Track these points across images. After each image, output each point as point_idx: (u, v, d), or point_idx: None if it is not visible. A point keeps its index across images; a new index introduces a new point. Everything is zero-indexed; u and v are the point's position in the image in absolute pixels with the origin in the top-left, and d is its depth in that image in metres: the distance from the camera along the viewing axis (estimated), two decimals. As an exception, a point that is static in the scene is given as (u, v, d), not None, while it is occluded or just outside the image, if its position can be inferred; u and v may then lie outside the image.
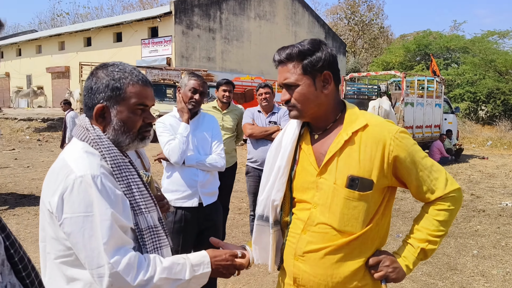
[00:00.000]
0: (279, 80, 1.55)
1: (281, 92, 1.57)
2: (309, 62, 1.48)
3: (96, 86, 1.40)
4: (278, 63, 1.54)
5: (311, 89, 1.50)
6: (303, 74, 1.49)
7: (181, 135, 2.88)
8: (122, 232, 1.29)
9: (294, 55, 1.49)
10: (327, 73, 1.50)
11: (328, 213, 1.49)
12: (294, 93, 1.51)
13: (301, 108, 1.52)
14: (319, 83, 1.51)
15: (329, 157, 1.49)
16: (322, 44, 1.51)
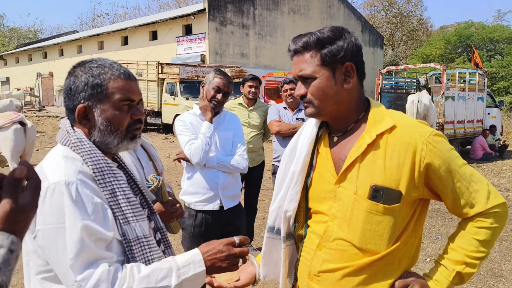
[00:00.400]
0: (294, 72, 1.36)
1: (296, 87, 1.38)
2: (329, 52, 1.28)
3: (75, 86, 1.28)
4: (294, 52, 1.35)
5: (330, 83, 1.30)
6: (321, 65, 1.29)
7: (204, 135, 2.73)
8: (96, 245, 1.16)
9: (311, 43, 1.30)
10: (349, 65, 1.30)
11: (348, 228, 1.29)
12: (311, 87, 1.32)
13: (318, 105, 1.32)
14: (340, 76, 1.31)
15: (349, 163, 1.29)
16: (344, 32, 1.31)
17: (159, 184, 1.90)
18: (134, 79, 1.35)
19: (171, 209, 1.98)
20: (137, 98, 1.33)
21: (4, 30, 54.13)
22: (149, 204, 1.52)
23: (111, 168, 1.27)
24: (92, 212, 1.17)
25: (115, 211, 1.23)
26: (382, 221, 1.26)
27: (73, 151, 1.26)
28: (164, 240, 1.55)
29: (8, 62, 43.26)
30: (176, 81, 15.78)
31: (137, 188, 1.50)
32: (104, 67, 1.29)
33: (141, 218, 1.29)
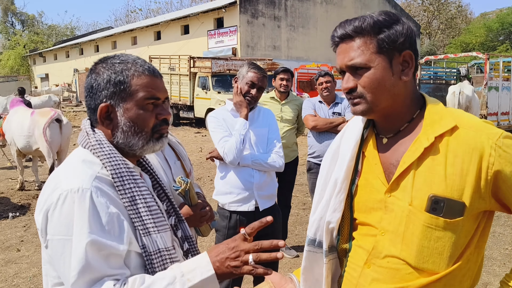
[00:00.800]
0: (340, 62, 1.18)
1: (343, 79, 1.19)
2: (387, 37, 1.11)
3: (97, 83, 1.18)
4: (340, 39, 1.17)
5: (386, 74, 1.13)
6: (377, 53, 1.12)
7: (239, 132, 2.58)
8: (105, 262, 1.05)
9: (366, 27, 1.12)
10: (407, 53, 1.13)
11: (401, 244, 1.12)
12: (363, 79, 1.14)
13: (372, 100, 1.14)
14: (397, 66, 1.14)
15: (403, 169, 1.12)
16: (399, 16, 1.14)
17: (187, 187, 1.79)
18: (159, 75, 1.24)
19: (200, 213, 1.87)
20: (163, 96, 1.22)
21: (43, 28, 55.99)
22: (176, 211, 1.41)
23: (132, 173, 1.16)
24: (106, 223, 1.06)
25: (135, 221, 1.12)
26: (442, 237, 1.08)
27: (93, 154, 1.17)
28: (192, 250, 1.43)
29: (47, 59, 44.75)
30: (208, 75, 15.78)
31: (164, 194, 1.39)
32: (127, 63, 1.19)
33: (163, 229, 1.17)
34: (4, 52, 49.79)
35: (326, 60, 23.74)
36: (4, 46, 52.72)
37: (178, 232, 1.39)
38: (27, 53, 47.54)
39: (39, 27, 56.35)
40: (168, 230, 1.20)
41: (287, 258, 4.39)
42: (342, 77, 1.20)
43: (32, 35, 52.33)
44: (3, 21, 55.85)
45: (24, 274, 4.03)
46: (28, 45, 49.18)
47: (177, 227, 1.39)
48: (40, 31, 54.39)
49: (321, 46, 26.10)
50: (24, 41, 50.38)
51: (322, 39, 26.39)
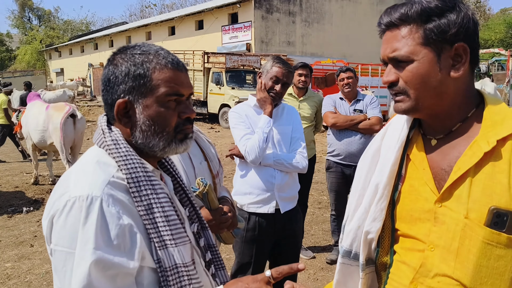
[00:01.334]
0: (384, 53, 1.06)
1: (384, 72, 1.07)
2: (436, 27, 0.98)
3: (115, 76, 1.06)
4: (386, 27, 1.05)
5: (432, 69, 1.00)
6: (423, 44, 1.00)
7: (262, 130, 2.43)
8: (111, 282, 0.93)
9: (413, 14, 0.99)
10: (460, 46, 0.99)
11: (455, 262, 0.98)
12: (405, 72, 1.02)
13: (415, 96, 1.02)
14: (447, 60, 1.00)
15: (457, 176, 0.99)
16: (458, 2, 1.00)
17: (205, 190, 1.68)
18: (184, 69, 1.11)
19: (220, 219, 1.75)
20: (187, 92, 1.09)
21: (59, 23, 56.53)
22: (200, 218, 1.29)
23: (150, 177, 1.04)
24: (115, 237, 0.94)
25: (150, 232, 1.00)
26: (504, 256, 0.95)
27: (108, 154, 1.05)
28: (216, 260, 1.31)
29: (62, 53, 45.16)
30: (222, 71, 15.70)
31: (187, 199, 1.27)
32: (149, 54, 1.06)
33: (181, 242, 1.05)
34: (21, 47, 50.42)
35: (341, 56, 23.49)
36: (21, 41, 53.36)
37: (201, 240, 1.27)
38: (43, 48, 48.05)
39: (55, 22, 56.92)
40: (187, 243, 1.07)
41: (304, 259, 4.26)
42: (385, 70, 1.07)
43: (48, 30, 52.88)
44: (20, 16, 56.52)
45: (37, 271, 3.98)
46: (44, 40, 49.70)
47: (200, 235, 1.28)
48: (56, 26, 54.92)
49: (336, 42, 25.83)
50: (40, 36, 50.92)
51: (337, 34, 26.10)
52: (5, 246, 4.58)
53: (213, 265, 1.31)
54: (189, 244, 1.07)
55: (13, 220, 5.49)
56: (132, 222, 0.97)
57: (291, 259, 2.64)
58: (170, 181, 1.23)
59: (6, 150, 10.92)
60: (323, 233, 5.16)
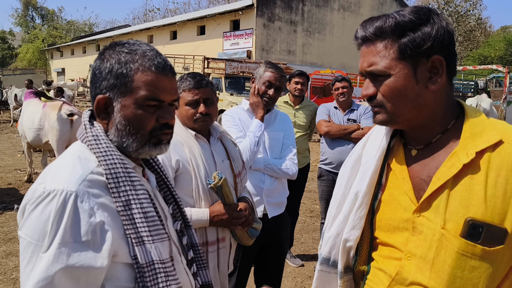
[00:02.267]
0: (361, 67, 1.06)
1: (363, 85, 1.08)
2: (410, 41, 0.98)
3: (100, 71, 1.07)
4: (362, 41, 1.05)
5: (409, 83, 1.00)
6: (398, 59, 1.00)
7: (253, 134, 2.45)
8: (75, 283, 0.93)
9: (387, 29, 1.00)
10: (437, 58, 0.99)
11: (430, 272, 0.98)
12: (383, 87, 1.02)
13: (392, 110, 1.03)
14: (423, 73, 1.00)
15: (436, 186, 0.99)
16: (432, 14, 1.00)
17: (220, 183, 1.75)
18: (171, 73, 1.09)
19: (233, 214, 1.84)
20: (169, 98, 1.08)
21: (62, 23, 56.68)
22: (184, 216, 1.30)
23: (130, 174, 1.04)
24: (85, 233, 0.94)
25: (127, 228, 1.00)
26: (478, 267, 0.95)
27: (90, 150, 1.05)
28: (198, 259, 1.32)
29: (64, 53, 45.24)
30: (222, 76, 15.71)
31: (171, 196, 1.28)
32: (135, 54, 1.06)
33: (159, 238, 1.05)
34: (23, 45, 50.47)
35: (341, 66, 23.62)
36: (23, 39, 53.41)
37: (184, 238, 1.28)
38: (45, 47, 48.13)
39: (58, 22, 57.07)
40: (165, 240, 1.07)
41: (292, 267, 4.25)
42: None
43: (51, 30, 53.00)
44: (24, 15, 56.68)
45: (24, 269, 3.95)
46: (47, 39, 49.78)
47: (183, 233, 1.28)
48: (59, 26, 55.07)
49: (336, 53, 25.99)
50: (43, 35, 51.02)
51: (337, 45, 26.26)
52: (-6, 243, 4.56)
53: (195, 264, 1.31)
54: (167, 241, 1.07)
55: (3, 217, 5.46)
56: (106, 219, 0.97)
57: (276, 265, 2.64)
58: (153, 178, 1.23)
59: (1, 147, 10.90)
60: (313, 241, 5.14)
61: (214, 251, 1.86)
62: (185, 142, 1.86)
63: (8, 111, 17.95)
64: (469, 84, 14.28)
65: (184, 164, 1.81)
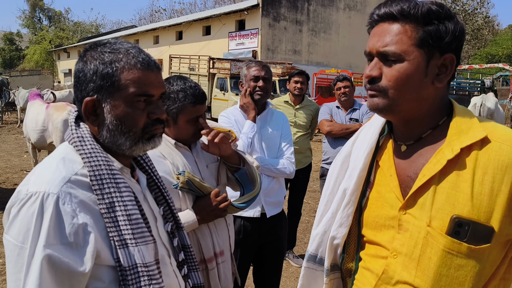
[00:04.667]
0: (371, 45, 1.01)
1: (368, 65, 1.03)
2: (435, 32, 0.96)
3: (83, 74, 1.06)
4: (381, 18, 1.01)
5: (419, 73, 0.97)
6: (417, 45, 0.97)
7: (246, 135, 2.45)
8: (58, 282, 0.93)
9: (417, 13, 0.96)
10: (450, 57, 0.98)
11: (416, 270, 0.97)
12: (391, 71, 0.98)
13: (394, 97, 0.99)
14: (433, 68, 0.98)
15: (421, 183, 0.98)
16: (454, 14, 0.99)
17: (186, 179, 1.65)
18: (156, 68, 1.09)
19: (218, 200, 1.73)
20: (157, 92, 1.08)
21: (68, 24, 57.04)
22: (175, 217, 1.28)
23: (115, 175, 1.03)
24: (68, 235, 0.94)
25: (110, 231, 0.99)
26: (464, 266, 0.94)
27: (76, 151, 1.05)
28: (190, 261, 1.30)
29: (71, 54, 45.51)
30: (227, 77, 15.74)
31: (162, 197, 1.27)
32: (118, 53, 1.05)
33: (142, 241, 1.04)
34: (30, 47, 50.87)
35: (347, 66, 23.55)
36: (30, 41, 53.83)
37: (175, 240, 1.26)
38: (52, 48, 48.48)
39: (65, 23, 57.41)
40: (150, 243, 1.06)
41: (294, 267, 4.24)
42: (368, 64, 1.03)
43: (58, 31, 53.33)
44: (31, 16, 57.13)
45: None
46: (54, 41, 50.11)
47: (174, 234, 1.27)
48: (66, 27, 55.40)
49: (342, 52, 25.91)
50: (50, 36, 51.35)
51: (343, 45, 26.18)
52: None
53: (186, 265, 1.30)
54: (152, 244, 1.06)
55: (8, 217, 5.51)
56: (89, 221, 0.97)
57: (274, 264, 2.64)
58: (144, 179, 1.22)
59: (8, 148, 10.99)
60: (317, 241, 5.12)
61: (214, 268, 1.78)
62: (165, 154, 1.73)
63: (15, 112, 18.07)
64: (476, 83, 14.14)
65: (168, 180, 1.67)
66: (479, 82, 13.93)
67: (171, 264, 1.19)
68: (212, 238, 1.79)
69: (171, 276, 1.16)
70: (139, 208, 1.06)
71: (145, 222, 1.06)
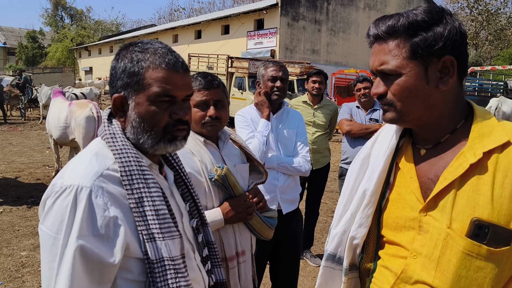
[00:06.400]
0: (372, 65, 1.07)
1: (374, 83, 1.10)
2: (422, 41, 0.98)
3: (115, 71, 1.12)
4: (374, 39, 1.06)
5: (419, 82, 1.00)
6: (410, 58, 1.00)
7: (261, 134, 2.49)
8: (90, 276, 0.97)
9: (399, 28, 1.00)
10: (448, 59, 0.99)
11: (435, 270, 0.99)
12: (393, 86, 1.03)
13: (401, 109, 1.04)
14: (434, 73, 1.00)
15: (443, 186, 0.99)
16: (445, 14, 1.00)
17: (222, 173, 1.66)
18: (182, 69, 1.11)
19: (246, 203, 1.75)
20: (182, 94, 1.10)
21: (90, 23, 57.98)
22: (200, 214, 1.32)
23: (144, 171, 1.07)
24: (99, 227, 0.98)
25: (139, 225, 1.03)
26: (483, 268, 0.95)
27: (108, 147, 1.09)
28: (213, 257, 1.34)
29: (92, 53, 46.28)
30: (245, 76, 15.79)
31: (189, 193, 1.30)
32: (146, 52, 1.09)
33: (169, 236, 1.07)
34: (53, 45, 51.83)
35: (366, 66, 23.32)
36: (52, 39, 54.84)
37: (199, 236, 1.30)
38: (74, 46, 49.34)
39: (86, 22, 58.35)
40: (176, 238, 1.09)
41: (312, 267, 4.25)
42: (374, 79, 1.09)
43: (79, 29, 54.24)
44: (53, 15, 58.23)
45: (50, 261, 4.09)
46: (75, 39, 50.98)
47: (199, 230, 1.31)
48: (87, 25, 56.29)
49: (361, 52, 25.69)
50: (71, 34, 52.24)
51: (362, 45, 25.95)
52: (22, 236, 4.72)
53: (210, 261, 1.33)
54: (178, 239, 1.10)
55: (32, 211, 5.66)
56: (119, 214, 1.01)
57: (291, 260, 2.66)
58: (172, 175, 1.25)
59: (31, 144, 11.26)
60: (334, 242, 5.12)
61: (234, 266, 1.78)
62: (194, 151, 1.74)
63: (37, 108, 18.48)
64: (498, 84, 13.85)
65: (196, 177, 1.68)
66: (501, 84, 13.64)
67: (195, 259, 1.23)
68: (235, 237, 1.80)
69: (195, 270, 1.20)
70: (166, 203, 1.10)
71: (172, 218, 1.10)
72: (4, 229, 4.91)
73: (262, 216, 1.86)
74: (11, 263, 4.02)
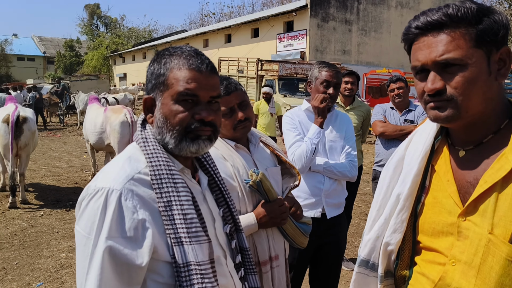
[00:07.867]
0: (425, 58, 0.97)
1: (430, 78, 0.97)
2: (489, 27, 0.92)
3: (147, 75, 1.16)
4: (422, 30, 0.97)
5: (484, 73, 0.94)
6: (475, 46, 0.93)
7: (311, 140, 2.41)
8: (119, 276, 0.99)
9: (463, 15, 0.93)
10: (506, 49, 0.94)
11: (476, 278, 0.94)
12: (456, 78, 0.93)
13: (463, 104, 0.94)
14: (494, 65, 0.95)
15: (483, 189, 0.94)
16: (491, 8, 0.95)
17: (258, 178, 1.66)
18: (208, 71, 1.11)
19: (280, 209, 1.74)
20: (206, 95, 1.10)
21: (124, 30, 59.59)
22: (234, 219, 1.30)
23: (174, 175, 1.08)
24: (128, 229, 1.00)
25: (167, 228, 1.04)
26: None
27: (141, 151, 1.12)
28: (247, 264, 1.31)
29: (125, 59, 47.55)
30: (275, 78, 15.77)
31: (223, 198, 1.29)
32: (174, 55, 1.12)
33: (196, 241, 1.07)
34: (89, 53, 53.61)
35: (399, 65, 22.85)
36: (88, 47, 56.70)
37: (233, 242, 1.28)
38: (109, 54, 50.85)
39: (120, 29, 60.00)
40: (204, 243, 1.08)
41: (345, 270, 4.18)
42: (418, 78, 1.00)
43: (114, 37, 55.85)
44: (89, 24, 60.22)
45: (87, 263, 4.21)
46: (110, 46, 52.54)
47: (233, 236, 1.29)
48: (121, 33, 57.89)
49: (393, 51, 25.18)
50: (106, 42, 53.90)
51: (395, 43, 25.43)
52: (61, 238, 4.89)
53: (243, 268, 1.31)
54: (206, 244, 1.09)
55: (70, 213, 5.84)
56: (148, 217, 1.02)
57: (333, 265, 2.61)
58: (205, 180, 1.25)
59: (69, 149, 11.66)
60: (368, 246, 5.02)
61: (268, 271, 1.75)
62: (226, 156, 1.73)
63: (75, 114, 19.12)
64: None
65: (229, 182, 1.66)
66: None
67: (227, 265, 1.21)
68: (269, 241, 1.78)
69: (227, 276, 1.18)
70: (195, 208, 1.09)
71: (201, 222, 1.09)
72: (45, 231, 5.10)
73: (296, 222, 1.85)
74: (51, 264, 4.17)
